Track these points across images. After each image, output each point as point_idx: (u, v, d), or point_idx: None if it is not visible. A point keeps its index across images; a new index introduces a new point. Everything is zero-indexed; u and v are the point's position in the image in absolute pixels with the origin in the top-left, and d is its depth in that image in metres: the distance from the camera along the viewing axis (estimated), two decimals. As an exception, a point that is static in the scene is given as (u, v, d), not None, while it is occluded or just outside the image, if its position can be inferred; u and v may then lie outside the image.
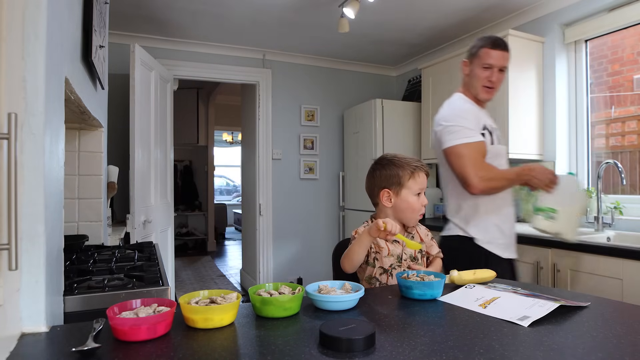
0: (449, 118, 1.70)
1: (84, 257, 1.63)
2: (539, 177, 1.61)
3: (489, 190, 1.64)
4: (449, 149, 1.66)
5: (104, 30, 1.89)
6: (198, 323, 0.84)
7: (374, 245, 1.35)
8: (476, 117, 1.70)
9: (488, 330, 0.84)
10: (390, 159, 1.41)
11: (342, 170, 4.35)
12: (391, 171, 1.38)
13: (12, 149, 0.64)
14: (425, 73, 3.60)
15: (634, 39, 2.63)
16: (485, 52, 1.70)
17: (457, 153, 1.63)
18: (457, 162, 1.63)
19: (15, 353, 0.72)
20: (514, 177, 1.65)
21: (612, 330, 0.84)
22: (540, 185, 1.62)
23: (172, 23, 3.32)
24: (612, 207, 2.53)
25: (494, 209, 1.71)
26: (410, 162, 1.39)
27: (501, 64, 1.71)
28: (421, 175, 1.39)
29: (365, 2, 2.86)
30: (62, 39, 1.06)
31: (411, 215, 1.39)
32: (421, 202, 1.39)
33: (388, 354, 0.72)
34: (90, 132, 2.04)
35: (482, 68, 1.71)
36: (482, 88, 1.73)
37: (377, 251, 1.35)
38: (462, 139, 1.63)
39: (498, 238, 1.70)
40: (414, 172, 1.37)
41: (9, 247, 0.65)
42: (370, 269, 1.37)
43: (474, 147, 1.63)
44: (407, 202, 1.38)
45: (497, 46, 1.70)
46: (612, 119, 2.76)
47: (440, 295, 1.09)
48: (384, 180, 1.39)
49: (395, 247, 1.37)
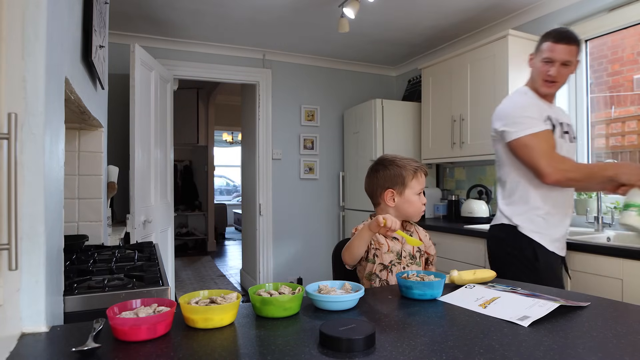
0: (510, 111, 1.71)
1: (84, 257, 1.63)
2: (629, 171, 1.55)
3: (566, 181, 1.62)
4: (515, 141, 1.65)
5: (104, 30, 1.89)
6: (198, 323, 0.84)
7: (374, 242, 1.37)
8: (539, 109, 1.69)
9: (488, 330, 0.84)
10: (392, 159, 1.45)
11: (342, 170, 4.35)
12: (394, 171, 1.42)
13: (12, 149, 0.64)
14: (425, 73, 3.60)
15: (634, 39, 2.63)
16: (547, 45, 1.69)
17: (525, 144, 1.62)
18: (527, 153, 1.63)
19: (15, 353, 0.72)
20: (596, 171, 1.62)
21: (612, 330, 0.84)
22: (632, 181, 1.54)
23: (172, 23, 3.32)
24: (612, 207, 2.53)
25: (551, 206, 1.68)
26: (411, 163, 1.44)
27: (564, 58, 1.67)
28: (422, 175, 1.44)
29: (365, 2, 2.86)
30: (62, 39, 1.06)
31: (413, 213, 1.44)
32: (421, 201, 1.44)
33: (388, 354, 0.72)
34: (90, 132, 2.04)
35: (542, 62, 1.71)
36: (543, 82, 1.72)
37: (377, 247, 1.38)
38: (528, 129, 1.62)
39: (544, 229, 1.67)
40: (415, 172, 1.42)
41: (9, 247, 0.65)
42: (370, 266, 1.38)
43: (542, 137, 1.62)
44: (410, 202, 1.42)
45: (561, 40, 1.66)
46: (612, 119, 2.76)
47: (440, 295, 1.09)
48: (387, 180, 1.42)
49: (394, 243, 1.39)
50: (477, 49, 3.05)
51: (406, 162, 1.43)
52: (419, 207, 1.44)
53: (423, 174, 1.44)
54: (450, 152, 3.29)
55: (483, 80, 3.00)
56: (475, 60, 3.07)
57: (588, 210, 2.57)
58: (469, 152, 3.13)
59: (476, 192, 3.29)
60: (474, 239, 2.65)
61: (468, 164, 3.54)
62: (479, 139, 3.05)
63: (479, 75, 3.04)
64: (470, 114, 3.11)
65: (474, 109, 3.09)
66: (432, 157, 3.50)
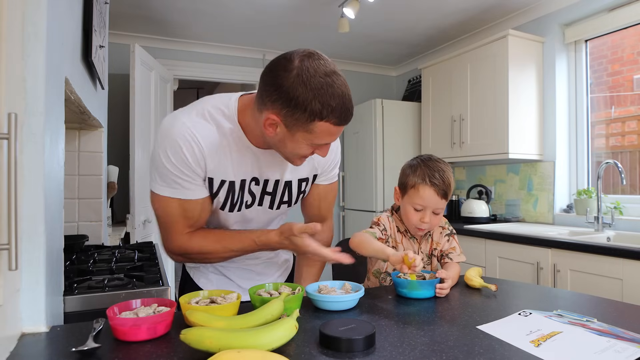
0: None
1: (84, 257, 1.63)
2: None
3: None
4: None
5: (104, 30, 1.89)
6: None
7: (392, 240, 1.29)
8: None
9: (488, 330, 0.84)
10: (423, 159, 1.28)
11: (342, 170, 4.35)
12: (407, 170, 1.28)
13: (12, 149, 0.64)
14: (425, 73, 3.60)
15: (634, 39, 2.63)
16: None
17: None
18: None
19: (15, 353, 0.72)
20: None
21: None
22: None
23: (172, 23, 3.32)
24: (612, 207, 2.53)
25: None
26: (425, 171, 1.23)
27: None
28: (424, 189, 1.22)
29: (365, 2, 2.86)
30: (62, 39, 1.06)
31: (408, 226, 1.29)
32: (419, 218, 1.24)
33: (388, 354, 0.72)
34: (90, 132, 2.04)
35: None
36: None
37: (393, 246, 1.29)
38: None
39: None
40: (418, 183, 1.23)
41: (9, 247, 0.65)
42: (381, 263, 1.34)
43: None
44: (404, 211, 1.28)
45: None
46: (612, 119, 2.76)
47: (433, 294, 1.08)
48: (400, 176, 1.32)
49: (411, 245, 1.32)
50: (477, 49, 3.05)
51: (425, 168, 1.24)
52: (411, 221, 1.25)
53: (429, 189, 1.21)
54: (450, 152, 3.29)
55: (483, 80, 3.00)
56: (475, 60, 3.07)
57: (588, 211, 2.57)
58: (469, 152, 3.13)
59: (476, 192, 3.29)
60: (474, 239, 2.64)
61: (468, 164, 3.54)
62: (479, 139, 3.05)
63: (479, 75, 3.04)
64: (470, 114, 3.11)
65: (474, 109, 3.09)
66: (432, 157, 3.49)
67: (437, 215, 1.26)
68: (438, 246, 1.33)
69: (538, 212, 2.98)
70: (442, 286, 1.09)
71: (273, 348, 0.70)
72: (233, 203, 1.08)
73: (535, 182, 3.01)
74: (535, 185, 3.01)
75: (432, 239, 1.34)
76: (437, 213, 1.25)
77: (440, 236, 1.34)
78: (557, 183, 2.88)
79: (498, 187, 3.30)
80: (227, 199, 1.07)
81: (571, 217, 2.76)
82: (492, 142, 2.93)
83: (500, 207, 3.27)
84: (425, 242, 1.33)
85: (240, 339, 0.68)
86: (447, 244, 1.33)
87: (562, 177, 2.91)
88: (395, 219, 1.34)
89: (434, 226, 1.29)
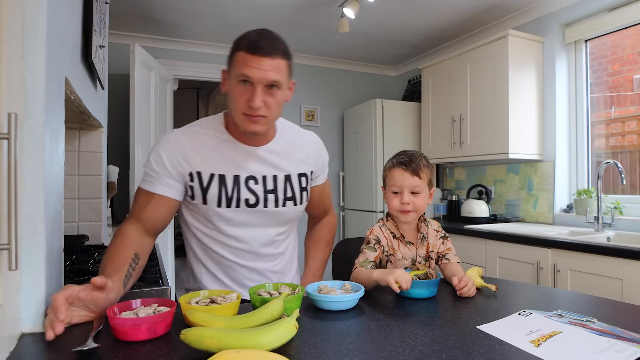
0: None
1: (84, 257, 1.63)
2: None
3: None
4: None
5: (104, 30, 1.89)
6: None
7: (388, 248, 1.29)
8: None
9: (488, 330, 0.84)
10: (400, 153, 1.33)
11: (342, 170, 4.35)
12: (385, 166, 1.34)
13: (12, 149, 0.64)
14: (425, 73, 3.60)
15: (634, 39, 2.63)
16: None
17: None
18: None
19: (15, 353, 0.72)
20: None
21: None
22: None
23: (172, 23, 3.32)
24: (612, 207, 2.53)
25: None
26: (395, 157, 1.30)
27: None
28: (394, 171, 1.27)
29: (365, 2, 2.86)
30: (62, 39, 1.06)
31: (393, 212, 1.30)
32: (399, 200, 1.26)
33: (388, 353, 0.72)
34: (90, 132, 2.04)
35: None
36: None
37: (391, 253, 1.29)
38: None
39: None
40: (389, 168, 1.30)
41: (9, 247, 0.65)
42: None
43: None
44: (387, 201, 1.31)
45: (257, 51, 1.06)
46: (612, 119, 2.76)
47: (435, 294, 1.08)
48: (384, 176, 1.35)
49: (408, 249, 1.31)
50: (477, 49, 3.05)
51: (395, 156, 1.31)
52: (394, 206, 1.28)
53: (399, 169, 1.26)
54: (450, 152, 3.29)
55: (483, 80, 3.00)
56: (475, 60, 3.07)
57: (588, 211, 2.57)
58: (469, 152, 3.13)
59: (476, 192, 3.29)
60: (474, 239, 2.65)
61: (468, 164, 3.54)
62: (479, 139, 3.05)
63: (479, 75, 3.04)
64: (470, 114, 3.11)
65: (474, 109, 3.09)
66: (432, 157, 3.49)
67: (417, 195, 1.26)
68: (434, 248, 1.35)
69: (538, 212, 2.98)
70: (467, 286, 1.09)
71: (273, 348, 0.70)
72: (228, 198, 1.14)
73: (535, 182, 3.01)
74: (535, 185, 3.01)
75: (428, 242, 1.34)
76: (416, 192, 1.26)
77: (436, 239, 1.36)
78: (557, 183, 2.88)
79: (498, 187, 3.30)
80: (220, 193, 1.13)
81: (571, 217, 2.76)
82: (492, 142, 2.93)
83: (500, 207, 3.27)
84: (421, 246, 1.33)
85: (240, 339, 0.68)
86: (442, 246, 1.36)
87: (562, 177, 2.91)
88: (390, 225, 1.33)
89: (418, 209, 1.27)
